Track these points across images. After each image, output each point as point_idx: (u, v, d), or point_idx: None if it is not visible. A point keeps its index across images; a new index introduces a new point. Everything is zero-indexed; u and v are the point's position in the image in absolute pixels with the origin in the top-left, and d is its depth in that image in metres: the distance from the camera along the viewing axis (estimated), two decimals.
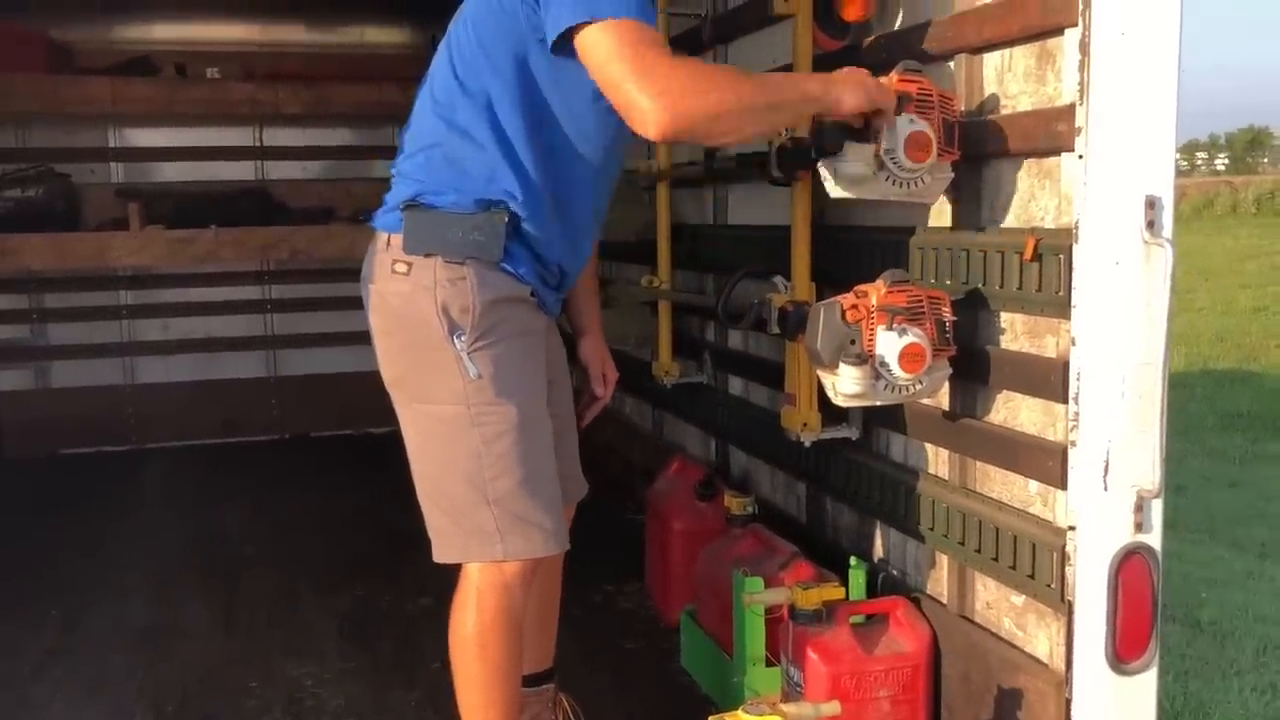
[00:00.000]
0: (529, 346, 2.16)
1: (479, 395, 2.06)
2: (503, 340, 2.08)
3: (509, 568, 2.12)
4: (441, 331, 2.05)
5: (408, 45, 6.11)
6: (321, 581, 3.86)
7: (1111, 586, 1.97)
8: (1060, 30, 2.05)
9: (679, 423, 4.23)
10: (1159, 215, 1.90)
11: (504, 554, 2.11)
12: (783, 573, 2.69)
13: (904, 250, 2.51)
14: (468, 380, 2.06)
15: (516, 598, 2.15)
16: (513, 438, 2.08)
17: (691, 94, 1.85)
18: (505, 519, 2.10)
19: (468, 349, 2.05)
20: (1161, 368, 1.91)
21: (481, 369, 2.05)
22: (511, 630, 2.15)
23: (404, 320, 2.10)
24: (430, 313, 2.05)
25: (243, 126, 5.95)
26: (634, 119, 1.87)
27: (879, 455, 2.78)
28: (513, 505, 2.09)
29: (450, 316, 2.04)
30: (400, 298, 2.10)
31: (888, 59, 2.42)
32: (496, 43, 2.04)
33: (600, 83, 1.90)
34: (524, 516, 2.10)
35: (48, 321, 5.85)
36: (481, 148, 2.06)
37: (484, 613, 2.12)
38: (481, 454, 2.08)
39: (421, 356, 2.09)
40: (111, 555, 4.17)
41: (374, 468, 5.39)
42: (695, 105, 1.86)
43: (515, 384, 2.10)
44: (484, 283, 2.06)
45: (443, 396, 2.08)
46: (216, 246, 5.28)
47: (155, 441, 5.85)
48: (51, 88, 5.30)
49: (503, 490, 2.09)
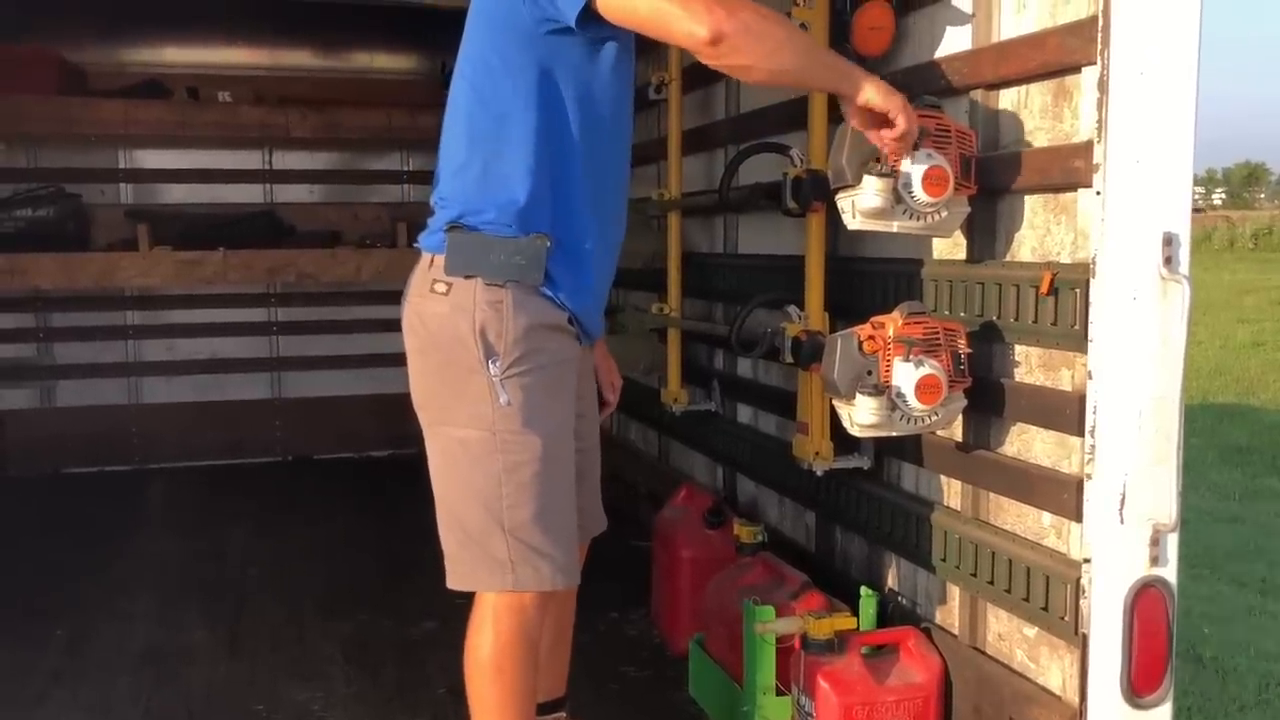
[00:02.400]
0: (561, 377, 2.16)
1: (506, 423, 2.06)
2: (536, 370, 2.08)
3: (540, 598, 2.13)
4: (477, 355, 2.04)
5: (416, 72, 6.16)
6: (325, 605, 3.85)
7: (1127, 620, 1.97)
8: (1078, 68, 2.08)
9: (686, 450, 4.24)
10: (1176, 252, 1.92)
11: (514, 584, 2.10)
12: (793, 602, 2.69)
13: (919, 282, 2.53)
14: (497, 406, 2.05)
15: (533, 622, 2.15)
16: (535, 469, 2.08)
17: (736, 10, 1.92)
18: (518, 549, 2.09)
19: (501, 374, 2.04)
20: (1178, 402, 1.92)
21: (512, 396, 2.05)
22: (528, 654, 2.15)
23: (439, 341, 2.10)
24: (467, 334, 2.05)
25: (252, 150, 5.99)
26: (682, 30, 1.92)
27: (891, 485, 2.78)
28: (527, 536, 2.09)
29: (487, 340, 2.04)
30: (438, 319, 2.09)
31: (905, 94, 2.45)
32: (505, 51, 2.06)
33: (638, 23, 1.96)
34: (537, 548, 2.10)
35: (54, 341, 5.86)
36: (510, 159, 2.07)
37: (500, 636, 2.13)
38: (502, 481, 2.08)
39: (454, 378, 2.08)
40: (116, 576, 4.16)
41: (376, 491, 5.42)
42: (745, 12, 1.93)
43: (543, 415, 2.10)
44: (522, 307, 2.06)
45: (470, 420, 2.08)
46: (224, 268, 5.32)
47: (159, 462, 5.85)
48: (64, 109, 5.34)
49: (518, 520, 2.09)
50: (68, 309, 5.81)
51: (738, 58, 1.96)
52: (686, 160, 3.88)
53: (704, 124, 3.85)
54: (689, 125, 3.86)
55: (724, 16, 1.90)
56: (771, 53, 1.98)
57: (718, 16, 1.90)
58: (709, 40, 1.91)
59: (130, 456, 5.85)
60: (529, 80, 2.05)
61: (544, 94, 2.06)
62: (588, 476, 2.36)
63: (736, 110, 3.65)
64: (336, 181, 6.23)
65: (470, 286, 2.06)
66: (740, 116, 3.60)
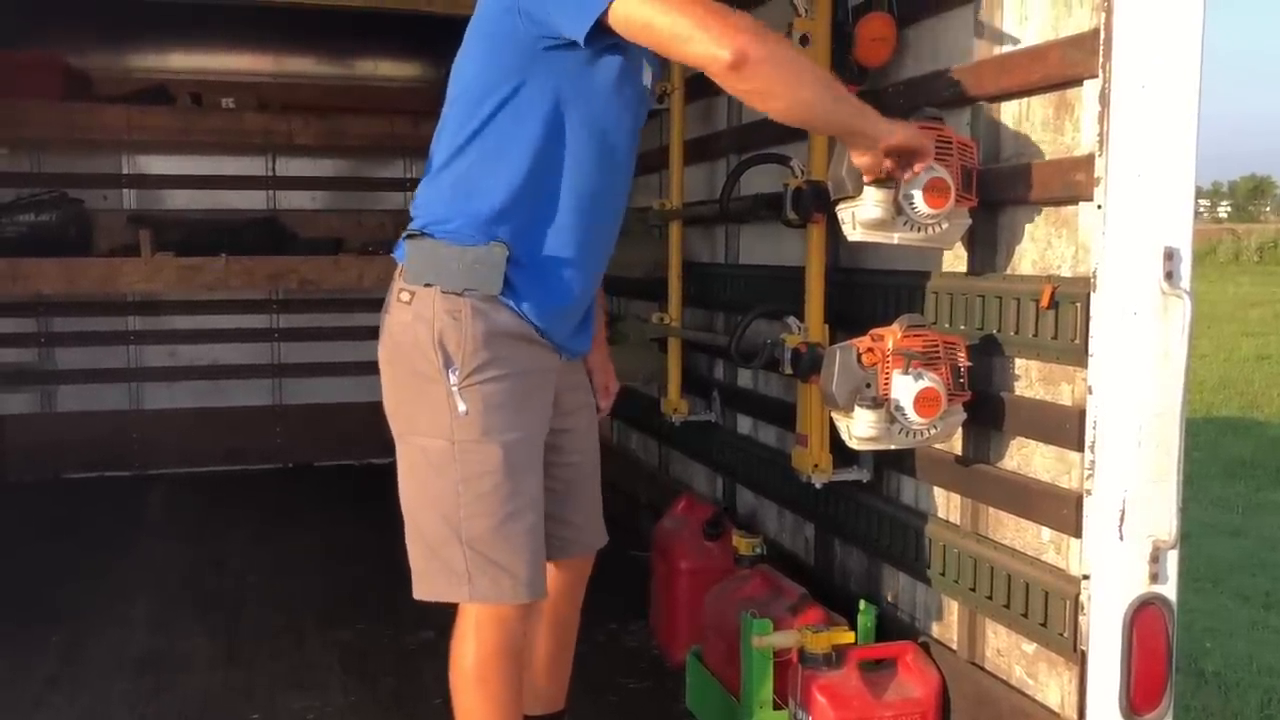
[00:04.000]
0: (529, 386, 2.12)
1: (464, 432, 2.04)
2: (498, 379, 2.05)
3: (512, 611, 2.11)
4: (436, 363, 2.03)
5: (420, 79, 6.16)
6: (323, 613, 3.84)
7: (1126, 637, 1.96)
8: (1079, 81, 2.07)
9: (686, 461, 4.23)
10: (1177, 266, 1.91)
11: (470, 596, 2.09)
12: (791, 615, 2.68)
13: (919, 294, 2.52)
14: (455, 416, 2.03)
15: (515, 632, 2.14)
16: (495, 479, 2.05)
17: (761, 35, 1.89)
18: (476, 561, 2.07)
19: (460, 383, 2.02)
20: (1179, 418, 1.91)
21: (470, 405, 2.03)
22: (510, 663, 2.14)
23: (403, 350, 2.09)
24: (427, 343, 2.04)
25: (255, 156, 5.99)
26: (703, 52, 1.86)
27: (890, 498, 2.77)
28: (485, 548, 2.07)
29: (446, 349, 2.03)
30: (401, 327, 2.09)
31: (906, 105, 2.44)
32: (500, 64, 2.03)
33: (654, 40, 1.91)
34: (495, 560, 2.07)
35: (55, 346, 5.86)
36: (491, 171, 2.05)
37: (483, 645, 2.12)
38: (460, 492, 2.05)
39: (416, 387, 2.07)
40: (114, 582, 4.15)
41: (376, 497, 5.36)
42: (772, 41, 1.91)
43: (504, 425, 2.06)
44: (481, 316, 2.04)
45: (430, 429, 2.06)
46: (226, 275, 5.31)
47: (159, 467, 5.84)
48: (68, 114, 5.35)
49: (476, 531, 2.06)
50: (69, 314, 5.81)
51: (759, 83, 1.90)
52: (688, 170, 3.87)
53: (706, 134, 3.84)
54: (691, 135, 3.85)
55: (749, 41, 1.85)
56: (794, 82, 1.94)
57: (742, 40, 1.85)
58: (731, 64, 1.86)
59: (131, 462, 5.85)
60: (521, 95, 2.02)
61: (535, 109, 2.02)
62: (582, 490, 2.34)
63: (738, 121, 3.64)
64: (339, 188, 6.23)
65: (430, 295, 2.04)
66: (742, 127, 3.60)
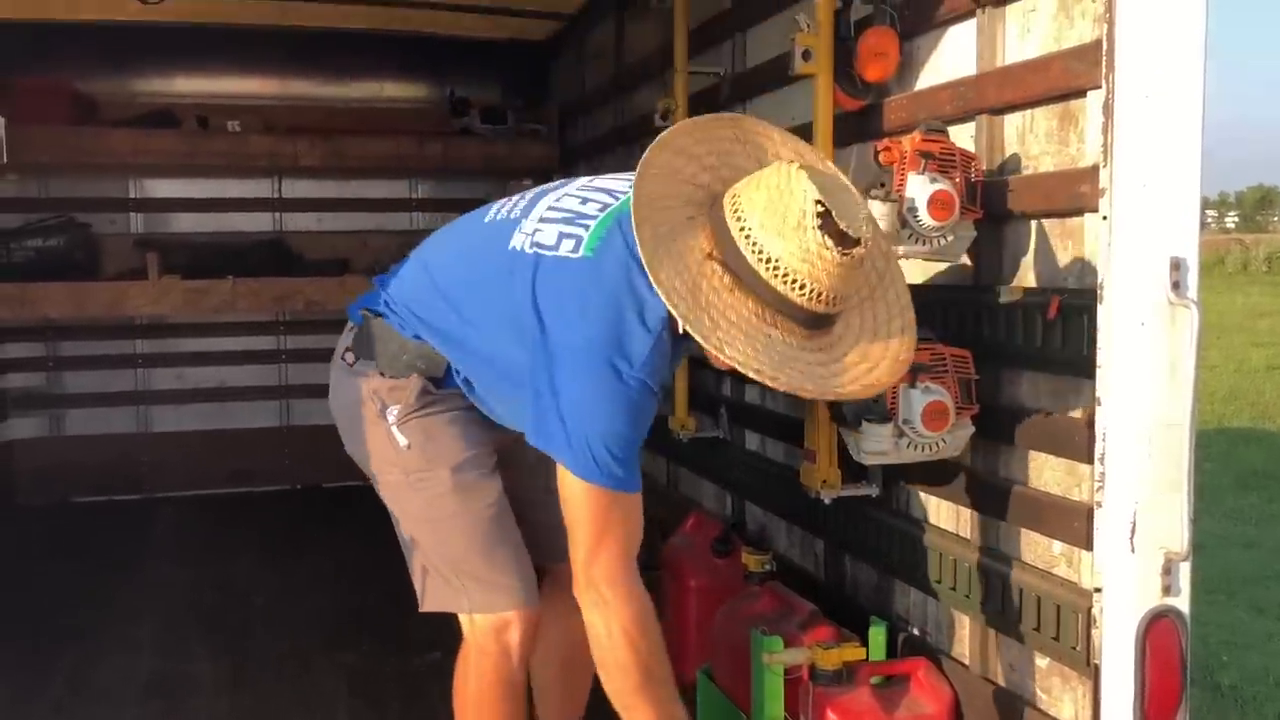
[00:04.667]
0: (466, 416, 2.18)
1: (412, 463, 2.15)
2: (432, 411, 2.14)
3: (507, 623, 2.18)
4: (375, 409, 2.15)
5: (424, 100, 6.18)
6: (331, 636, 3.83)
7: (1139, 650, 1.93)
8: (1083, 93, 2.06)
9: (694, 477, 4.21)
10: (1184, 276, 1.90)
11: (469, 608, 2.18)
12: (802, 632, 2.66)
13: (925, 307, 2.50)
14: (399, 451, 2.14)
15: (514, 652, 2.19)
16: (452, 503, 2.14)
17: (644, 628, 1.94)
18: (464, 577, 2.18)
19: (397, 421, 2.13)
20: (1189, 429, 1.89)
21: (411, 439, 2.13)
22: (508, 683, 2.20)
23: (344, 401, 2.23)
24: (366, 395, 2.16)
25: (261, 178, 6.01)
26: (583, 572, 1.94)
27: (900, 513, 2.75)
28: (467, 566, 2.17)
29: (381, 398, 2.15)
30: (341, 382, 2.23)
31: (909, 119, 2.44)
32: (490, 311, 2.06)
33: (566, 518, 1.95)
34: (479, 576, 2.17)
35: (63, 369, 5.87)
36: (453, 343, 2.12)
37: (482, 666, 2.19)
38: (429, 518, 2.16)
39: (362, 431, 2.19)
40: (121, 605, 4.14)
41: (383, 519, 5.36)
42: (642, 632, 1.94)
43: (447, 450, 2.15)
44: (423, 390, 2.14)
45: (383, 466, 2.19)
46: (233, 297, 5.31)
47: (167, 490, 5.83)
48: (74, 139, 5.35)
49: (455, 551, 2.17)
50: (77, 338, 5.82)
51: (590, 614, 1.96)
52: None
53: None
54: None
55: (624, 609, 1.92)
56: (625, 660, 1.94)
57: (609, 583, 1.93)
58: (589, 595, 1.94)
59: (139, 485, 5.84)
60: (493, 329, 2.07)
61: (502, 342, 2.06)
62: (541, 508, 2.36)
63: None
64: (345, 210, 6.23)
65: (372, 367, 2.17)
66: None
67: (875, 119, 2.70)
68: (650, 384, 1.87)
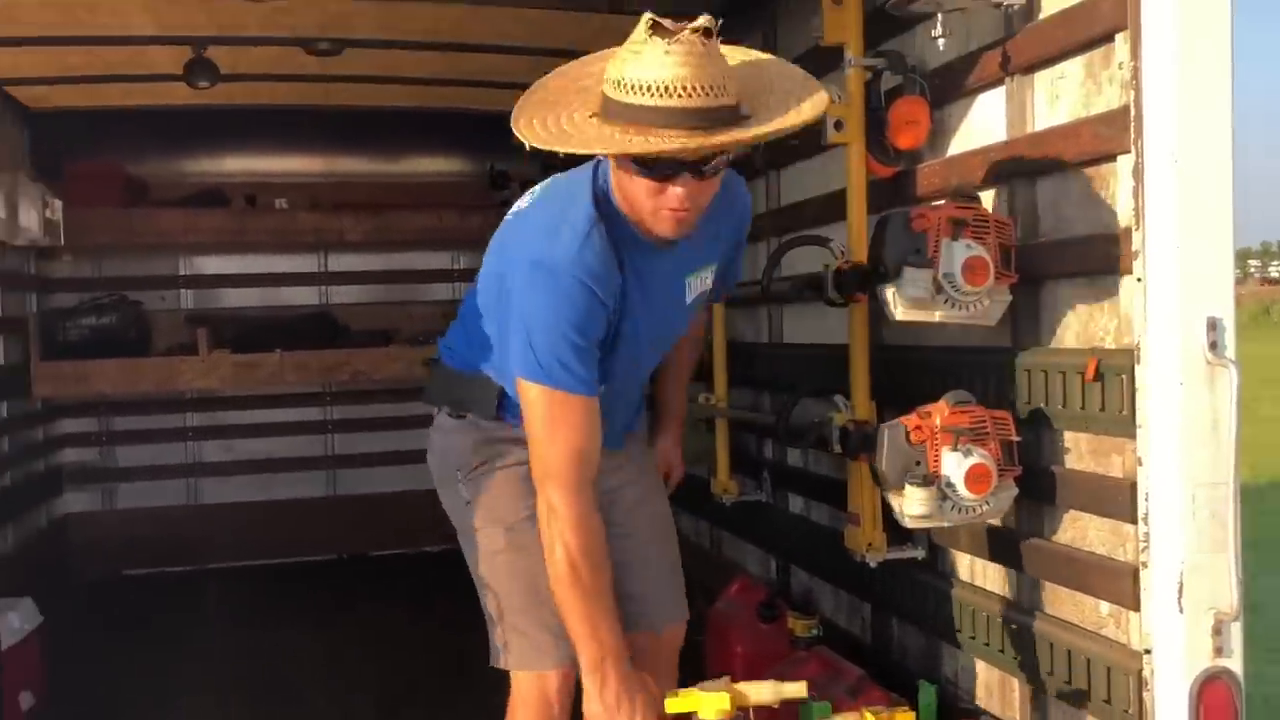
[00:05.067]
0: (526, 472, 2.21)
1: (474, 519, 2.30)
2: (493, 470, 2.27)
3: (549, 681, 2.23)
4: (453, 466, 2.32)
5: (465, 174, 6.30)
6: (381, 705, 3.84)
7: (1193, 714, 1.92)
8: (1113, 157, 2.10)
9: (738, 541, 4.21)
10: (1220, 336, 1.91)
11: (509, 664, 2.27)
12: (851, 697, 2.65)
13: (964, 370, 2.53)
14: (465, 506, 2.31)
15: (554, 702, 2.24)
16: (506, 559, 2.25)
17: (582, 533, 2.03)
18: (510, 632, 2.26)
19: (464, 478, 2.30)
20: (1233, 487, 1.90)
21: (471, 495, 2.29)
22: None
23: (435, 460, 2.40)
24: (446, 449, 2.35)
25: (308, 254, 6.14)
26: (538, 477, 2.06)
27: (946, 575, 2.75)
28: (515, 619, 2.25)
29: (454, 454, 2.32)
30: (432, 441, 2.41)
31: (942, 184, 2.48)
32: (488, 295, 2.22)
33: None
34: (523, 630, 2.24)
35: (116, 444, 5.98)
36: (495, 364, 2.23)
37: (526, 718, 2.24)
38: (487, 572, 2.27)
39: (446, 487, 2.37)
40: (177, 677, 4.18)
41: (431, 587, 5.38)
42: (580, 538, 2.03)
43: (504, 507, 2.26)
44: (478, 427, 2.29)
45: (457, 519, 2.35)
46: (281, 370, 5.42)
47: (217, 561, 5.89)
48: (126, 220, 5.52)
49: (509, 604, 2.25)
50: (129, 413, 5.93)
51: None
52: None
53: None
54: None
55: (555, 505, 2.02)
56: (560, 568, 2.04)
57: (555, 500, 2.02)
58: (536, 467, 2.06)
59: (190, 557, 5.90)
60: None
61: None
62: (642, 564, 2.39)
63: (778, 203, 3.70)
64: (390, 281, 6.35)
65: (443, 412, 2.36)
66: (781, 209, 3.65)
67: (909, 185, 2.75)
68: (586, 282, 1.97)
